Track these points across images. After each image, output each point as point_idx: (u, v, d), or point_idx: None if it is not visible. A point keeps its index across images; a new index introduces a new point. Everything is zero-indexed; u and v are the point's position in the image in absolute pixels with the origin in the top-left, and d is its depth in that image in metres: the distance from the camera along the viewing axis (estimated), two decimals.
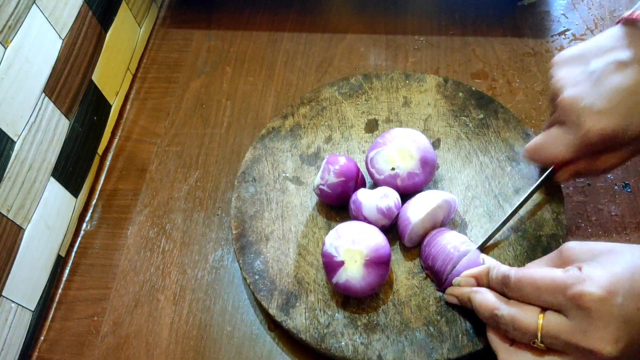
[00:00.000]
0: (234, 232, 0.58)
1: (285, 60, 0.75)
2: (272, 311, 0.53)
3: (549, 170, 0.54)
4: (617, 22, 0.50)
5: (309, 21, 0.79)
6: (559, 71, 0.51)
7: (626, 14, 0.48)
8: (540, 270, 0.42)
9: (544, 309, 0.41)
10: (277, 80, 0.74)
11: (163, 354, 0.55)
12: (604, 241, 0.58)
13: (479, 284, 0.48)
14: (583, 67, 0.49)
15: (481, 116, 0.63)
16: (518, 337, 0.42)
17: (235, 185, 0.61)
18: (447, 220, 0.56)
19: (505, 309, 0.43)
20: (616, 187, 0.61)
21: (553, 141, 0.51)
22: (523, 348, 0.43)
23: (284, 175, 0.61)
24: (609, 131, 0.46)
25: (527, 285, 0.42)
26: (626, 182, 0.61)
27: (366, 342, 0.51)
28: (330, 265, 0.51)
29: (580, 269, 0.40)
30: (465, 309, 0.51)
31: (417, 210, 0.53)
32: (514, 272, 0.44)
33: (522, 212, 0.56)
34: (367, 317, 0.52)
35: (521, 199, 0.55)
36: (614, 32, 0.49)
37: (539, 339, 0.41)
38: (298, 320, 0.52)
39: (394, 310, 0.52)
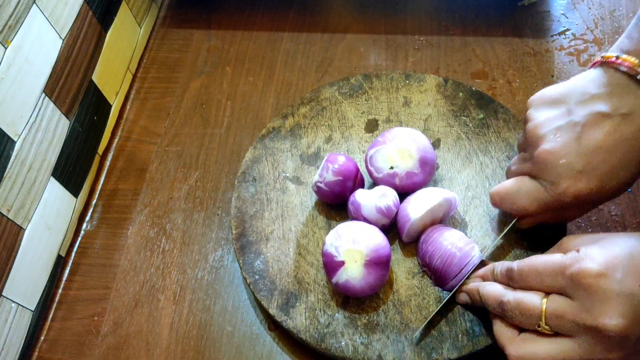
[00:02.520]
0: (234, 231, 0.58)
1: (285, 60, 0.76)
2: (272, 311, 0.53)
3: (514, 221, 0.53)
4: (595, 63, 0.47)
5: (309, 21, 0.79)
6: (537, 114, 0.48)
7: (606, 54, 0.46)
8: (540, 257, 0.44)
9: (548, 294, 0.42)
10: (277, 80, 0.74)
11: (163, 353, 0.55)
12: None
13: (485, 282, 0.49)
14: (564, 114, 0.47)
15: (481, 116, 0.63)
16: (524, 323, 0.43)
17: (235, 185, 0.61)
18: (446, 218, 0.56)
19: (511, 295, 0.44)
20: None
21: (523, 194, 0.49)
22: (530, 337, 0.43)
23: (284, 175, 0.61)
24: (585, 192, 0.45)
25: (529, 272, 0.43)
26: None
27: (366, 342, 0.51)
28: (331, 266, 0.51)
29: (578, 251, 0.41)
30: (465, 309, 0.51)
31: (417, 207, 0.53)
32: (516, 263, 0.45)
33: None
34: (367, 317, 0.52)
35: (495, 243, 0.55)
36: (596, 76, 0.46)
37: (544, 321, 0.41)
38: (298, 320, 0.52)
39: (394, 310, 0.52)
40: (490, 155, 0.60)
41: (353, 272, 0.50)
